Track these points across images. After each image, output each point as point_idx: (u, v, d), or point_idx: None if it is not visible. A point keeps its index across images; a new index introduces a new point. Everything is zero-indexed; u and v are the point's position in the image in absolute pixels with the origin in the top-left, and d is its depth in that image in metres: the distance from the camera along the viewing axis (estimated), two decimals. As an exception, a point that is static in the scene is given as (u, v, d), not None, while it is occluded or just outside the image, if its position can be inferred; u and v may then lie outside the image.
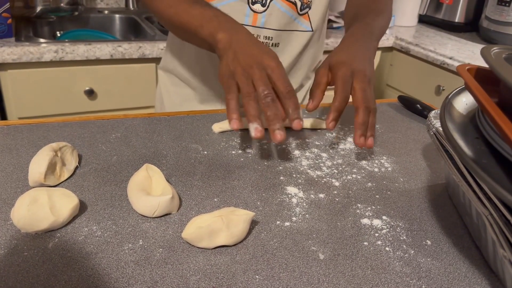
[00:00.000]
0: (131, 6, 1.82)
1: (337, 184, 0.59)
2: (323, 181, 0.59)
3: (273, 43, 0.83)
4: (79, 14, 1.66)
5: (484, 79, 0.47)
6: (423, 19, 2.02)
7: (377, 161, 0.65)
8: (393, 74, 1.81)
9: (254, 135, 0.56)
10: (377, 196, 0.57)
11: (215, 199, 0.53)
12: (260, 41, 0.63)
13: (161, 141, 0.66)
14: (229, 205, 0.52)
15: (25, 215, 0.44)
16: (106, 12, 1.77)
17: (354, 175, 0.61)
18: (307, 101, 0.64)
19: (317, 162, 0.64)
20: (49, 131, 0.66)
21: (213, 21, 0.64)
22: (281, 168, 0.61)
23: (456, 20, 1.89)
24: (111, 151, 0.62)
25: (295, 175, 0.60)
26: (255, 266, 0.43)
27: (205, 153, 0.64)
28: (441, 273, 0.45)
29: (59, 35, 1.62)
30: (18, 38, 1.31)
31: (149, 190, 0.51)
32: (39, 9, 1.56)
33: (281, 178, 0.59)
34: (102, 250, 0.44)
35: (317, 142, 0.70)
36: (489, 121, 0.43)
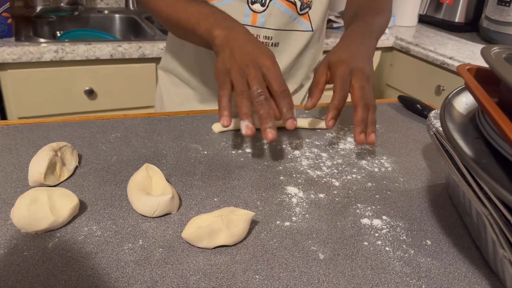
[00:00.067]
0: (131, 6, 1.82)
1: (337, 184, 0.59)
2: (323, 181, 0.59)
3: (272, 43, 0.83)
4: (79, 14, 1.67)
5: (484, 79, 0.47)
6: (423, 19, 2.02)
7: (377, 161, 0.65)
8: (393, 74, 1.81)
9: (244, 132, 0.57)
10: (377, 196, 0.57)
11: (215, 199, 0.53)
12: (257, 38, 0.63)
13: (161, 141, 0.66)
14: (229, 205, 0.52)
15: (25, 215, 0.44)
16: (106, 12, 1.77)
17: (354, 175, 0.61)
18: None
19: (317, 162, 0.64)
20: (49, 131, 0.66)
21: (210, 18, 0.64)
22: (281, 168, 0.61)
23: (456, 20, 1.89)
24: (111, 151, 0.62)
25: (295, 175, 0.60)
26: (255, 266, 0.43)
27: (205, 153, 0.64)
28: (441, 273, 0.45)
29: (59, 35, 1.62)
30: (18, 38, 1.31)
31: (149, 190, 0.51)
32: (39, 9, 1.56)
33: (281, 178, 0.59)
34: (102, 250, 0.44)
35: (317, 142, 0.70)
36: (489, 121, 0.43)
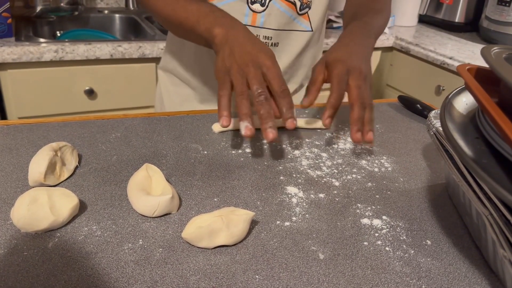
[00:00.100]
0: (131, 6, 1.82)
1: (337, 184, 0.59)
2: (323, 181, 0.59)
3: (272, 43, 0.83)
4: (79, 14, 1.67)
5: (484, 79, 0.47)
6: (423, 19, 2.02)
7: (377, 161, 0.65)
8: (393, 74, 1.81)
9: (244, 133, 0.57)
10: (377, 196, 0.57)
11: (215, 199, 0.53)
12: (257, 37, 0.63)
13: (161, 141, 0.66)
14: (229, 205, 0.52)
15: (25, 214, 0.44)
16: (106, 12, 1.77)
17: (354, 175, 0.61)
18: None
19: (317, 162, 0.64)
20: (49, 131, 0.66)
21: (210, 17, 0.64)
22: (281, 168, 0.61)
23: (456, 20, 1.88)
24: (111, 151, 0.62)
25: (295, 175, 0.60)
26: (255, 266, 0.43)
27: (205, 153, 0.64)
28: (441, 273, 0.45)
29: (59, 34, 1.62)
30: (18, 37, 1.31)
31: (149, 190, 0.51)
32: (39, 8, 1.56)
33: (281, 178, 0.59)
34: (102, 249, 0.44)
35: (317, 142, 0.70)
36: (489, 121, 0.43)
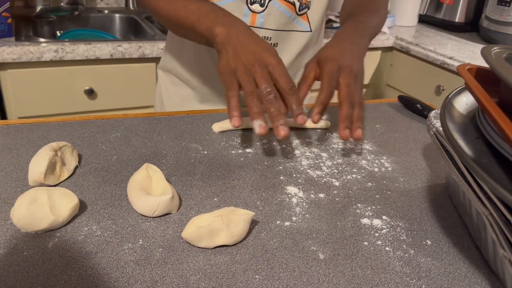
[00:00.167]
0: (131, 5, 1.82)
1: (337, 184, 0.59)
2: (323, 181, 0.59)
3: (271, 43, 0.82)
4: (79, 13, 1.67)
5: (484, 79, 0.47)
6: (423, 19, 2.02)
7: (377, 161, 0.65)
8: (393, 74, 1.81)
9: (258, 131, 0.57)
10: (377, 196, 0.57)
11: (215, 199, 0.53)
12: (257, 35, 0.63)
13: (161, 140, 0.66)
14: (229, 205, 0.52)
15: (25, 214, 0.44)
16: (106, 11, 1.76)
17: (354, 175, 0.61)
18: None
19: (317, 162, 0.64)
20: (49, 130, 0.66)
21: (210, 15, 0.64)
22: (281, 168, 0.61)
23: (456, 20, 1.88)
24: (111, 150, 0.62)
25: (295, 175, 0.60)
26: (255, 266, 0.43)
27: (205, 152, 0.64)
28: (441, 273, 0.45)
29: (59, 34, 1.62)
30: (18, 37, 1.31)
31: (149, 189, 0.51)
32: (39, 8, 1.56)
33: (281, 178, 0.59)
34: (102, 249, 0.44)
35: (317, 142, 0.70)
36: (489, 121, 0.43)
